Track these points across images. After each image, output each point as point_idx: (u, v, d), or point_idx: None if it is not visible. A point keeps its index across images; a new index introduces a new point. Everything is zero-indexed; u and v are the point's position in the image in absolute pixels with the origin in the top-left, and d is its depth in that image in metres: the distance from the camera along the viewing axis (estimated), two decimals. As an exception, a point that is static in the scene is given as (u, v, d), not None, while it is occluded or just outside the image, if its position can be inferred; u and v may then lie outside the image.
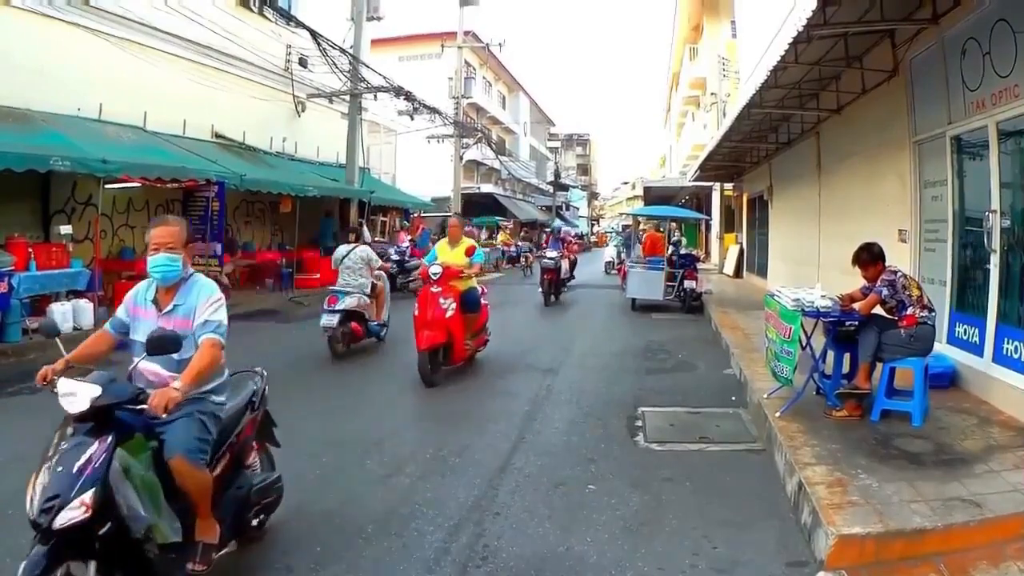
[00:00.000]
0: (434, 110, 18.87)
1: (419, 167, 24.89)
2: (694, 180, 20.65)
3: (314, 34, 13.22)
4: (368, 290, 7.85)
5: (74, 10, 9.84)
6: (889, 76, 6.81)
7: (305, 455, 4.43)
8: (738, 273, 18.67)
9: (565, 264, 14.47)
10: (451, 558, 3.11)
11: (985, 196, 5.05)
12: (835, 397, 4.88)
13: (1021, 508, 3.19)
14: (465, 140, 23.65)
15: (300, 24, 13.10)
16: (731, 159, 15.62)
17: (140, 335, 2.74)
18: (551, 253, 13.68)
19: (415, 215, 21.30)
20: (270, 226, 15.02)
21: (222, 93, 12.83)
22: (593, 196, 74.14)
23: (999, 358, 4.90)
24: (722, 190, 22.25)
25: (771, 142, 12.60)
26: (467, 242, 7.02)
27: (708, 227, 27.55)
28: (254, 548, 3.17)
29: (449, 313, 6.37)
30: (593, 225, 65.78)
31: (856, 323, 4.78)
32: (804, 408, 4.86)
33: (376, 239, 17.04)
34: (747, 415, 5.44)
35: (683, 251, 14.38)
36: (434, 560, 3.09)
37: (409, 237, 17.91)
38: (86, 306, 8.32)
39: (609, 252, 25.48)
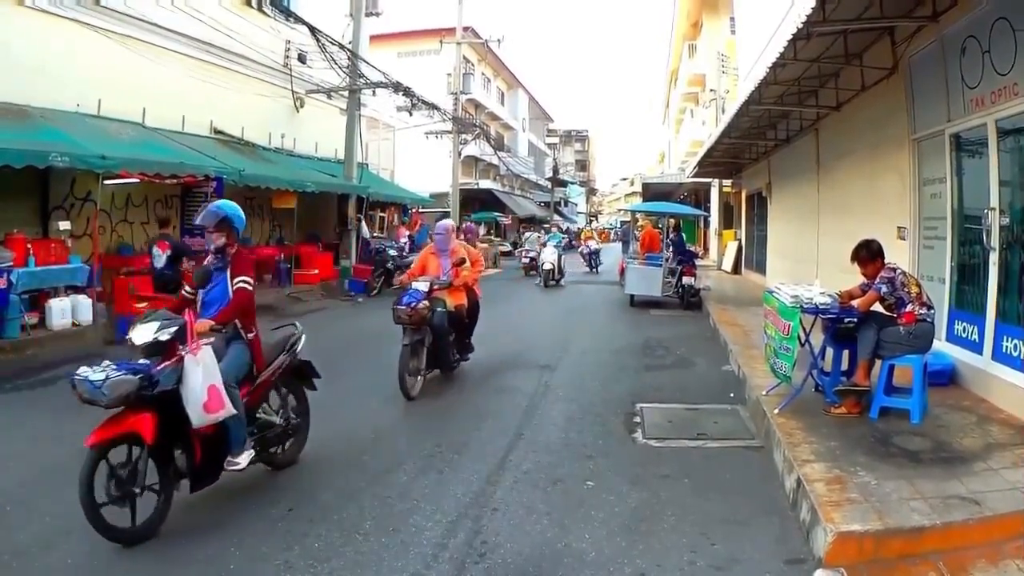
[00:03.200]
0: (433, 106, 18.80)
1: (418, 163, 24.88)
2: (693, 176, 20.68)
3: (313, 30, 13.17)
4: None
5: (83, 9, 9.81)
6: (888, 73, 6.80)
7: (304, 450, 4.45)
8: (736, 269, 18.69)
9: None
10: (449, 554, 3.12)
11: (984, 194, 5.05)
12: (834, 394, 4.89)
13: (1020, 506, 3.20)
14: (464, 136, 23.59)
15: (299, 20, 13.04)
16: (730, 156, 15.61)
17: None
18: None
19: (413, 211, 21.29)
20: (268, 222, 15.00)
21: (221, 89, 12.78)
22: (592, 192, 74.16)
23: (998, 356, 4.91)
24: (721, 186, 22.26)
25: (770, 139, 12.59)
26: None
27: (707, 223, 27.51)
28: (251, 544, 3.18)
29: None
30: (591, 221, 65.54)
31: (855, 320, 4.79)
32: (803, 405, 4.87)
33: (375, 235, 17.05)
34: (746, 412, 5.44)
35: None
36: (432, 556, 3.09)
37: (408, 233, 17.94)
38: (85, 302, 8.29)
39: (547, 256, 16.52)
